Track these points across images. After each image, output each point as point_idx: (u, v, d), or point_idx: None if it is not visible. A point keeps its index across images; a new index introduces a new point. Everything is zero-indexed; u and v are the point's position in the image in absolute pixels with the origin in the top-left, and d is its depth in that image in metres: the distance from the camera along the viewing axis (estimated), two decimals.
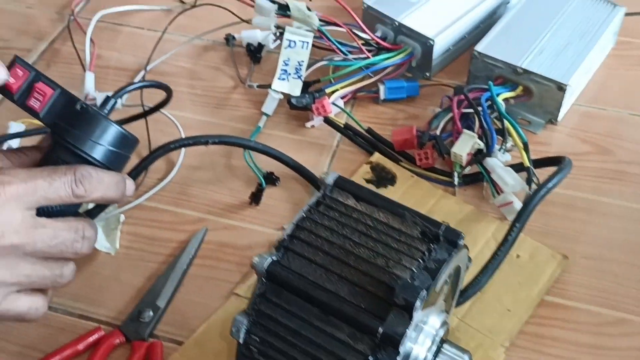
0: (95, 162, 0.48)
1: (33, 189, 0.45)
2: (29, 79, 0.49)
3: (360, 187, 0.47)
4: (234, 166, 0.71)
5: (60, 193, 0.46)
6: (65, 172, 0.47)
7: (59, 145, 0.49)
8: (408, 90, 0.76)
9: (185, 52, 0.83)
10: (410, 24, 0.76)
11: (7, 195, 0.44)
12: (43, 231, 0.46)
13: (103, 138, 0.48)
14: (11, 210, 0.45)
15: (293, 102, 0.72)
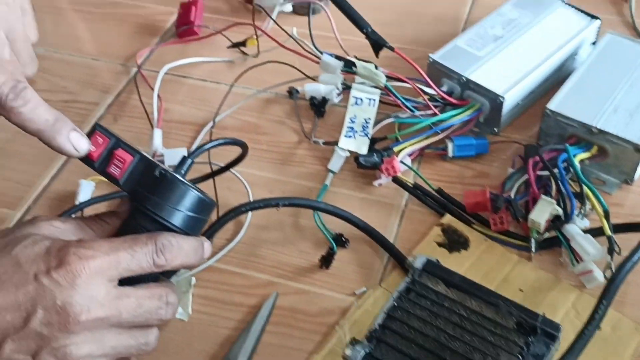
0: (175, 229, 0.49)
1: (116, 261, 0.46)
2: (109, 146, 0.50)
3: (450, 272, 0.46)
4: (302, 226, 0.70)
5: (142, 264, 0.47)
6: (147, 242, 0.47)
7: (139, 212, 0.49)
8: (477, 148, 0.75)
9: (249, 105, 0.83)
10: (478, 80, 0.75)
11: (91, 270, 0.45)
12: (127, 301, 0.46)
13: (182, 204, 0.49)
14: (95, 285, 0.45)
15: (362, 162, 0.71)
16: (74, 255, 0.44)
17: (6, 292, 0.44)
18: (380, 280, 0.66)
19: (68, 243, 0.46)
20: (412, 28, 0.92)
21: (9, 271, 0.44)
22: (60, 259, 0.44)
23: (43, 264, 0.44)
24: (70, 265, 0.44)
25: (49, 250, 0.45)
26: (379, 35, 0.74)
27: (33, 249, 0.45)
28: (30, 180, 0.76)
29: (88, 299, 0.44)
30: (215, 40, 0.90)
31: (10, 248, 0.45)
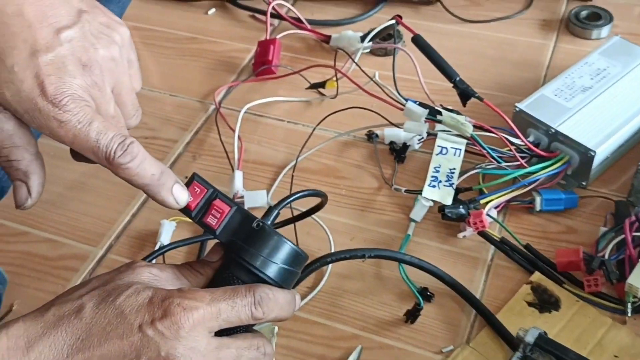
0: (269, 281, 0.48)
1: (217, 312, 0.45)
2: (207, 196, 0.50)
3: (563, 348, 0.44)
4: (384, 277, 0.69)
5: (241, 316, 0.46)
6: (246, 295, 0.47)
7: (233, 263, 0.49)
8: (566, 203, 0.72)
9: (327, 147, 0.82)
10: (568, 132, 0.73)
11: (194, 321, 0.44)
12: (227, 352, 0.46)
13: (277, 256, 0.48)
14: (197, 336, 0.45)
15: (448, 214, 0.69)
16: (178, 306, 0.44)
17: (111, 343, 0.44)
18: (467, 338, 0.64)
19: (171, 293, 0.45)
20: (491, 72, 0.90)
21: (113, 322, 0.44)
22: (164, 310, 0.44)
23: (147, 315, 0.44)
24: (174, 316, 0.44)
25: (152, 300, 0.45)
26: (467, 85, 0.72)
27: (137, 298, 0.45)
28: (111, 216, 0.76)
29: (190, 350, 0.44)
30: (291, 80, 0.90)
31: (114, 298, 0.45)
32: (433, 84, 0.79)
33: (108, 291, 0.46)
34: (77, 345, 0.43)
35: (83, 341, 0.44)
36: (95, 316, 0.44)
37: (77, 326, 0.44)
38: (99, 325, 0.44)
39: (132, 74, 0.51)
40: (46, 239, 0.74)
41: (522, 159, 0.73)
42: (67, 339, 0.44)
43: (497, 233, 0.71)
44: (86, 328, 0.44)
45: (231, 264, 0.49)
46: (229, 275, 0.49)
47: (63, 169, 0.81)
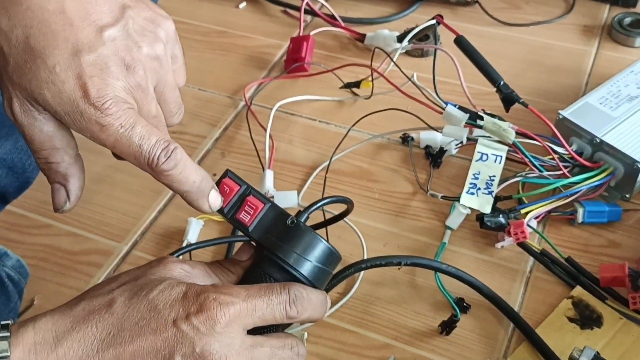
0: (303, 279, 0.47)
1: (252, 309, 0.44)
2: (240, 193, 0.48)
3: None
4: (418, 285, 0.66)
5: (276, 314, 0.45)
6: (281, 292, 0.45)
7: (266, 260, 0.47)
8: (609, 215, 0.70)
9: (360, 149, 0.79)
10: (614, 142, 0.70)
11: (230, 317, 0.43)
12: (262, 351, 0.44)
13: (312, 254, 0.47)
14: (233, 332, 0.43)
15: (487, 223, 0.67)
16: (214, 301, 0.43)
17: (144, 338, 0.42)
18: (504, 353, 0.61)
19: (206, 288, 0.44)
20: (530, 77, 0.88)
21: (145, 317, 0.42)
22: (200, 305, 0.43)
23: (182, 310, 0.43)
24: (210, 310, 0.42)
25: (187, 295, 0.43)
26: (512, 90, 0.70)
27: (170, 293, 0.43)
28: (137, 212, 0.74)
29: (226, 347, 0.42)
30: (324, 78, 0.87)
31: (146, 293, 0.43)
32: (472, 87, 0.76)
33: (140, 286, 0.44)
34: (108, 340, 0.42)
35: (114, 336, 0.42)
36: (127, 311, 0.42)
37: (108, 321, 0.42)
38: (131, 320, 0.42)
39: (176, 69, 0.49)
40: (70, 233, 0.72)
41: (565, 169, 0.70)
42: (97, 334, 0.42)
43: (537, 244, 0.68)
44: (117, 323, 0.42)
45: (263, 261, 0.47)
46: (261, 272, 0.47)
47: (89, 161, 0.78)
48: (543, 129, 0.73)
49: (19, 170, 0.65)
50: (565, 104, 0.77)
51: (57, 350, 0.41)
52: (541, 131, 0.73)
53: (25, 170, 0.66)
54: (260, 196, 0.48)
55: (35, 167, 0.66)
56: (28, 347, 0.41)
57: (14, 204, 0.72)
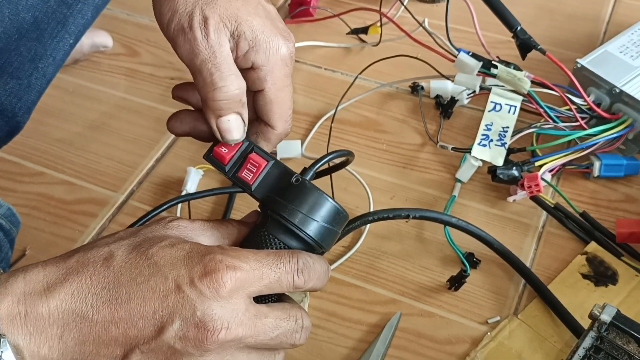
0: (309, 240, 0.43)
1: (260, 277, 0.41)
2: (242, 149, 0.45)
3: None
4: (426, 240, 0.64)
5: (283, 283, 0.42)
6: (289, 260, 0.42)
7: (271, 220, 0.44)
8: (627, 169, 0.67)
9: (367, 98, 0.76)
10: (634, 93, 0.67)
11: (237, 282, 0.39)
12: (266, 322, 0.41)
13: (318, 213, 0.43)
14: (237, 299, 0.40)
15: (500, 176, 0.64)
16: (220, 263, 0.39)
17: (141, 297, 0.39)
18: (515, 309, 0.59)
19: (211, 249, 0.41)
20: (545, 25, 0.84)
21: (144, 273, 0.39)
22: (204, 266, 0.39)
23: (185, 270, 0.39)
24: (215, 273, 0.39)
25: (191, 254, 0.40)
26: (529, 35, 0.66)
27: (172, 251, 0.40)
28: (134, 161, 0.71)
29: (229, 313, 0.39)
30: (330, 24, 0.83)
31: (146, 248, 0.40)
32: (486, 35, 0.72)
33: (139, 242, 0.41)
34: (103, 295, 0.39)
35: (110, 291, 0.39)
36: (124, 265, 0.40)
37: (104, 274, 0.39)
38: (128, 276, 0.39)
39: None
40: (63, 181, 0.70)
41: (582, 120, 0.67)
42: (91, 287, 0.39)
43: (551, 198, 0.65)
44: (114, 277, 0.39)
45: (267, 222, 0.44)
46: (265, 233, 0.44)
47: (83, 107, 0.77)
48: (559, 78, 0.70)
49: (8, 114, 0.62)
50: (582, 54, 0.73)
51: (48, 302, 0.38)
52: (557, 81, 0.69)
53: (16, 114, 0.63)
54: (263, 153, 0.46)
55: (26, 111, 0.63)
56: (17, 297, 0.39)
57: (5, 150, 0.69)
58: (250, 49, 0.45)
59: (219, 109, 0.44)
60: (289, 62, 0.47)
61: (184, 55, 0.44)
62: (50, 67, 0.65)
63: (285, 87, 0.47)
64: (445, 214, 0.62)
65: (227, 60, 0.44)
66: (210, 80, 0.44)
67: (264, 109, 0.47)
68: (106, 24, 0.85)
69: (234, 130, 0.45)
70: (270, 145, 0.48)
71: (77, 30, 0.66)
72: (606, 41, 0.76)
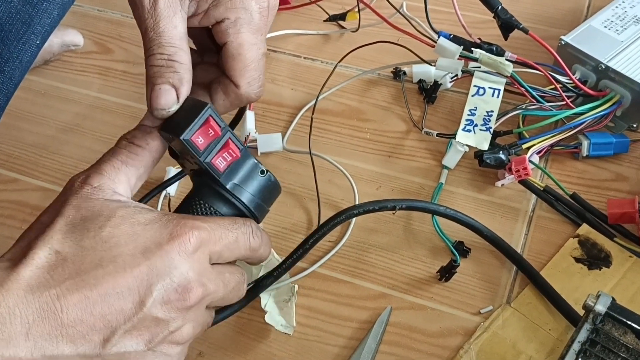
0: (244, 208, 0.45)
1: (220, 236, 0.42)
2: (221, 136, 0.45)
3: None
4: (415, 230, 0.62)
5: (240, 243, 0.44)
6: (244, 223, 0.44)
7: (207, 189, 0.45)
8: (616, 147, 0.65)
9: (349, 86, 0.74)
10: (620, 68, 0.65)
11: (201, 241, 0.41)
12: (224, 277, 0.43)
13: (251, 184, 0.46)
14: (202, 258, 0.41)
15: (486, 161, 0.62)
16: (184, 225, 0.40)
17: (112, 278, 0.38)
18: (508, 298, 0.57)
19: (170, 215, 0.41)
20: (528, 2, 0.81)
21: (106, 256, 0.38)
22: (170, 231, 0.40)
23: (149, 239, 0.39)
24: (182, 234, 0.40)
25: (148, 224, 0.40)
26: (510, 15, 0.64)
27: (126, 227, 0.40)
28: None
29: (200, 271, 0.40)
30: (307, 11, 0.81)
31: (95, 232, 0.39)
32: (467, 16, 0.70)
33: (81, 226, 0.39)
34: (68, 286, 0.37)
35: (74, 281, 0.37)
36: (80, 254, 0.38)
37: (62, 269, 0.37)
38: (89, 263, 0.38)
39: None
40: (38, 187, 0.67)
41: (568, 99, 0.65)
42: (52, 283, 0.37)
43: (540, 181, 0.64)
44: (73, 268, 0.38)
45: (203, 190, 0.45)
46: (200, 202, 0.45)
47: (56, 109, 0.74)
48: (544, 57, 0.68)
49: None
50: (565, 29, 0.72)
51: (6, 300, 0.36)
52: (542, 60, 0.67)
53: None
54: (238, 141, 0.45)
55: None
56: None
57: None
58: (211, 5, 0.44)
59: (152, 75, 0.43)
60: (258, 17, 0.46)
61: (136, 21, 0.44)
62: (17, 70, 0.62)
63: (252, 45, 0.46)
64: (432, 203, 0.60)
65: (171, 30, 0.43)
66: (149, 47, 0.43)
67: (226, 64, 0.46)
68: (77, 22, 0.82)
69: (161, 99, 0.43)
70: (228, 103, 0.47)
71: (43, 30, 0.63)
72: (590, 16, 0.74)
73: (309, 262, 0.60)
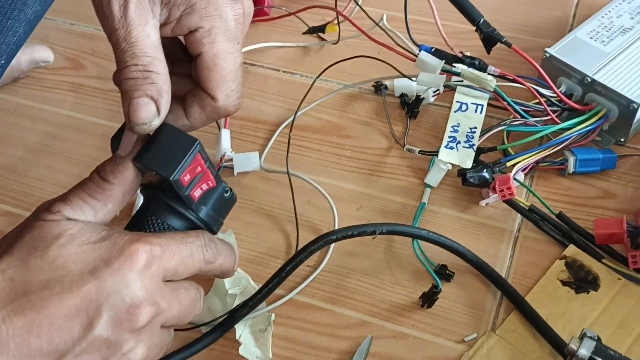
0: (199, 221, 0.44)
1: (172, 252, 0.41)
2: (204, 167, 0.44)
3: None
4: (396, 253, 0.60)
5: (195, 257, 0.42)
6: (197, 236, 0.43)
7: (159, 204, 0.43)
8: (603, 163, 0.63)
9: (329, 101, 0.71)
10: (606, 81, 0.63)
11: (153, 257, 0.39)
12: (178, 295, 0.41)
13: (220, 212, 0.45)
14: (155, 275, 0.39)
15: (470, 180, 0.60)
16: (137, 242, 0.39)
17: (59, 299, 0.36)
18: (493, 324, 0.55)
19: (122, 232, 0.40)
20: (513, 11, 0.79)
21: (54, 276, 0.37)
22: (120, 248, 0.38)
23: (97, 257, 0.38)
24: (132, 252, 0.38)
25: (97, 242, 0.39)
26: (493, 28, 0.62)
27: (73, 245, 0.38)
28: None
29: (153, 291, 0.39)
30: (287, 23, 0.79)
31: (43, 251, 0.38)
32: (450, 26, 0.68)
33: (31, 248, 0.38)
34: (13, 307, 0.36)
35: (20, 303, 0.36)
36: (27, 273, 0.37)
37: (6, 288, 0.36)
38: (35, 283, 0.36)
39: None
40: (5, 212, 0.65)
41: (553, 114, 0.63)
42: None
43: (525, 200, 0.62)
44: (20, 287, 0.36)
45: (154, 206, 0.43)
46: (152, 218, 0.43)
47: (25, 129, 0.72)
48: (529, 69, 0.66)
49: None
50: (552, 40, 0.70)
51: None
52: (527, 72, 0.66)
53: None
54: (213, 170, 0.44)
55: None
56: None
57: None
58: (183, 13, 0.42)
59: (128, 89, 0.41)
60: (234, 25, 0.43)
61: (105, 33, 0.42)
62: None
63: (228, 55, 0.43)
64: (414, 226, 0.58)
65: (144, 40, 0.41)
66: (121, 58, 0.41)
67: (201, 75, 0.43)
68: (48, 36, 0.80)
69: (141, 113, 0.40)
70: (205, 117, 0.45)
71: (8, 49, 0.61)
72: (576, 25, 0.72)
73: (287, 289, 0.57)
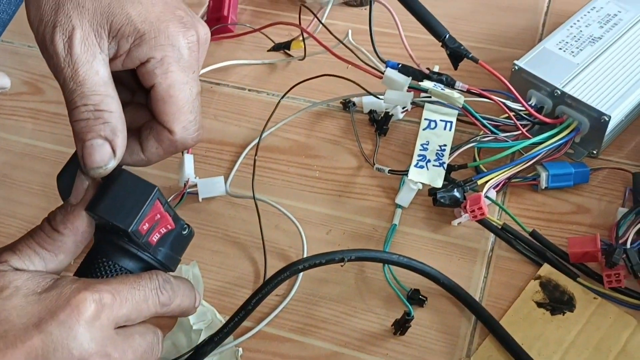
0: (154, 262, 0.43)
1: (124, 299, 0.39)
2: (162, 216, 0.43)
3: None
4: (367, 278, 0.58)
5: (149, 301, 0.40)
6: (150, 278, 0.41)
7: (111, 246, 0.42)
8: (576, 178, 0.62)
9: (297, 120, 0.69)
10: (577, 93, 0.62)
11: (103, 305, 0.38)
12: (132, 341, 0.40)
13: (170, 246, 0.43)
14: (106, 323, 0.38)
15: (441, 200, 0.58)
16: (83, 291, 0.37)
17: (1, 357, 0.35)
18: (468, 350, 0.54)
19: (69, 280, 0.39)
20: (481, 21, 0.78)
21: None
22: (67, 298, 0.37)
23: (42, 309, 0.36)
24: (82, 302, 0.37)
25: (41, 293, 0.37)
26: (459, 44, 0.60)
27: (18, 297, 0.37)
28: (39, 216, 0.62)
29: (104, 342, 0.37)
30: (252, 39, 0.77)
31: None
32: (418, 38, 0.66)
33: None
34: None
35: None
36: None
37: None
38: None
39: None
40: None
41: (524, 128, 0.62)
42: None
43: (498, 218, 0.60)
44: None
45: (106, 248, 0.42)
46: (104, 261, 0.42)
47: None
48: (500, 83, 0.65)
49: None
50: (521, 49, 0.69)
51: None
52: (497, 85, 0.64)
53: None
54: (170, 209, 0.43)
55: None
56: None
57: None
58: (133, 45, 0.40)
59: (80, 131, 0.39)
60: (187, 54, 0.42)
61: (52, 73, 0.40)
62: None
63: (183, 85, 0.41)
64: (383, 251, 0.57)
65: (93, 77, 0.39)
66: (70, 99, 0.39)
67: (156, 108, 0.41)
68: (5, 60, 0.77)
69: (95, 156, 0.39)
70: (162, 151, 0.43)
71: None
72: (546, 34, 0.71)
73: (255, 321, 0.56)
